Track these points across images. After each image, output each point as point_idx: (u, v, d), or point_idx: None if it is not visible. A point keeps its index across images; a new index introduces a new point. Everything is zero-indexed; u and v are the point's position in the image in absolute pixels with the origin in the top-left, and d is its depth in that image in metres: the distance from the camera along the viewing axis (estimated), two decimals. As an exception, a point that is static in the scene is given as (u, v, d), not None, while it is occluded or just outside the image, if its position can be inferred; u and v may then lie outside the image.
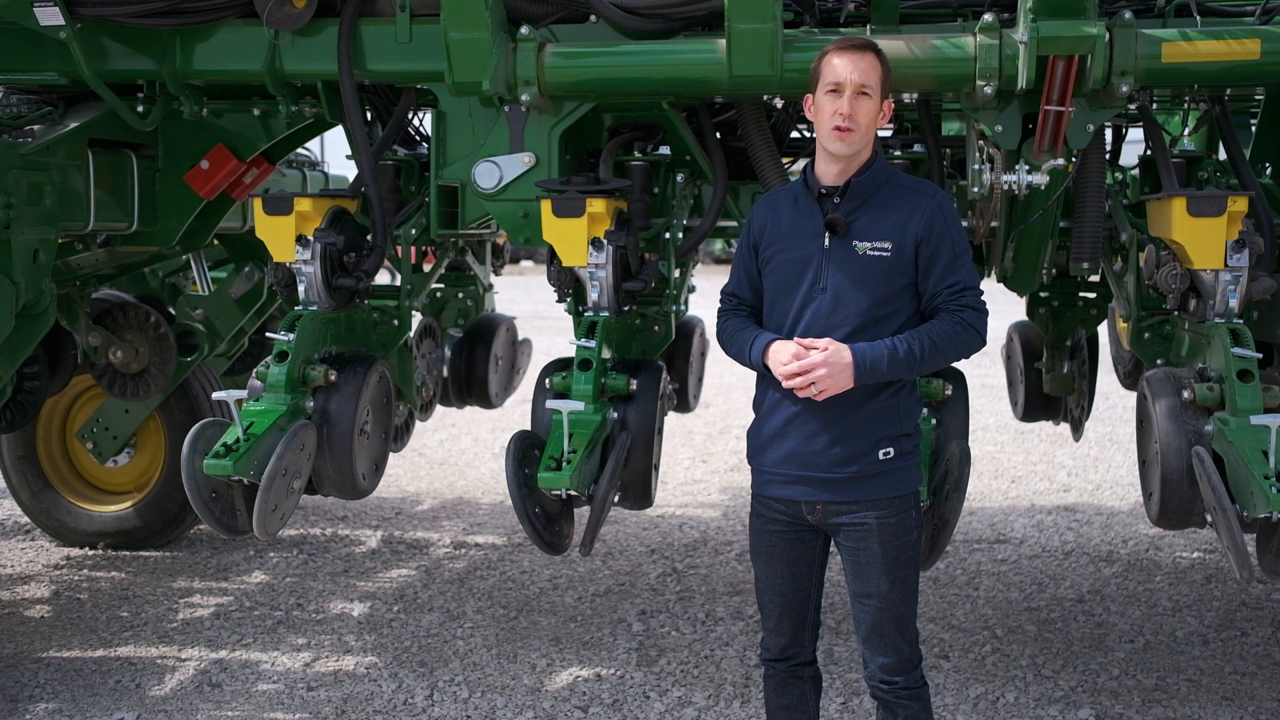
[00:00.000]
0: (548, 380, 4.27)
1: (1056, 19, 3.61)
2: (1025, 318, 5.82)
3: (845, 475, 3.25)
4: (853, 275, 3.22)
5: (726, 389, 11.66)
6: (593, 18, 4.13)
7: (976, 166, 4.10)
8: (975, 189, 4.13)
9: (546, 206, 4.18)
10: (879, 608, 3.30)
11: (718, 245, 26.26)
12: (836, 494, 3.27)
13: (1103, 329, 5.90)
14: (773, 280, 3.36)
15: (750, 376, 3.48)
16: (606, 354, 4.25)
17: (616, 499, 4.25)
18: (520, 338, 6.49)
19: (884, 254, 3.22)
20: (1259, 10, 3.91)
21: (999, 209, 4.39)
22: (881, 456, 3.26)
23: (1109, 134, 4.78)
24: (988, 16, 3.83)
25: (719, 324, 3.51)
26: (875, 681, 3.37)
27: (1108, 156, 4.70)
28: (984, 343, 3.28)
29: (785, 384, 3.21)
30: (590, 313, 4.29)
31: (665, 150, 4.97)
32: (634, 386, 4.22)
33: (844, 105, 3.19)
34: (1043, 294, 5.58)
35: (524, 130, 4.24)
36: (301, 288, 4.39)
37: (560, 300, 4.66)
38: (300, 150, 6.36)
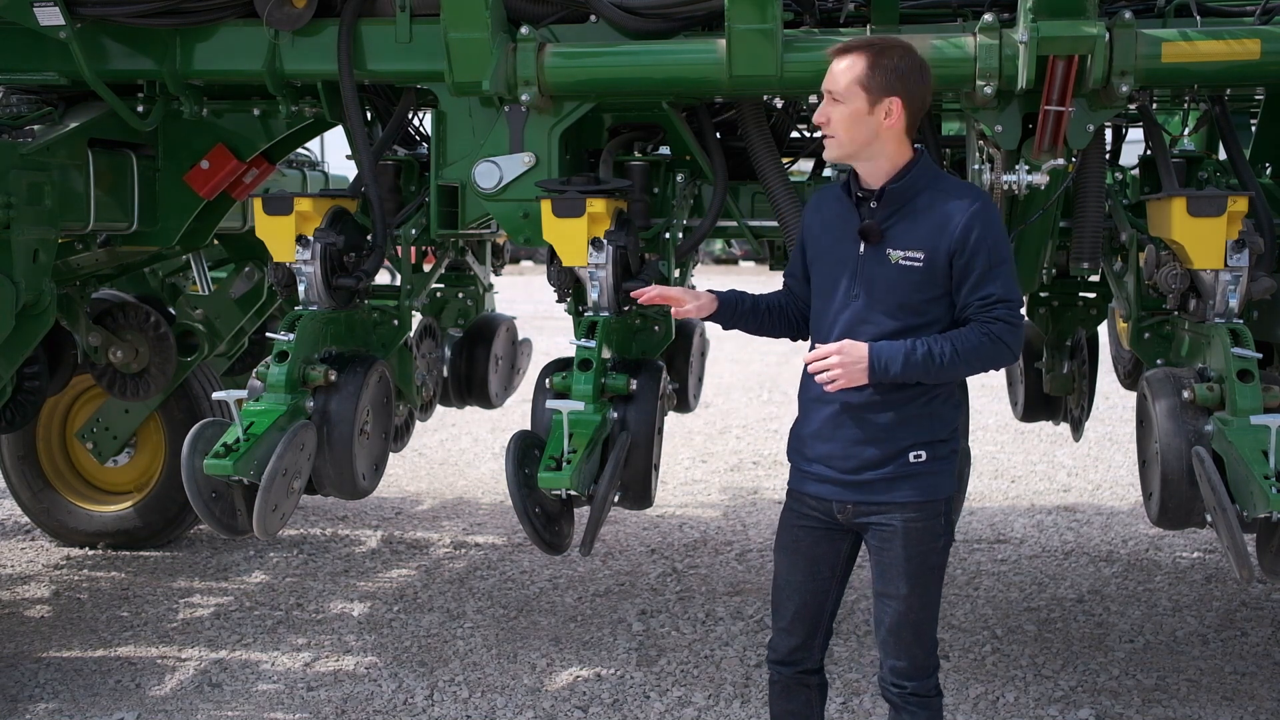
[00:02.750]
0: (548, 380, 4.26)
1: (1056, 19, 3.61)
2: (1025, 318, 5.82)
3: (875, 478, 3.24)
4: (885, 283, 3.18)
5: (726, 389, 11.65)
6: (593, 18, 4.13)
7: (976, 166, 4.10)
8: (975, 189, 4.13)
9: (546, 206, 4.18)
10: (897, 610, 3.28)
11: (718, 245, 26.30)
12: (866, 495, 3.26)
13: (1103, 329, 5.90)
14: (816, 280, 3.36)
15: (751, 377, 3.49)
16: (606, 354, 4.25)
17: (616, 499, 4.25)
18: (520, 338, 6.49)
19: (916, 264, 3.15)
20: (1259, 10, 3.91)
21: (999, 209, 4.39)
22: (912, 459, 3.22)
23: (1109, 134, 4.78)
24: (988, 16, 3.83)
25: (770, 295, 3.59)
26: (887, 684, 3.37)
27: (1108, 156, 4.70)
28: (1015, 358, 3.20)
29: (810, 370, 3.23)
30: (590, 313, 4.29)
31: (665, 150, 4.97)
32: (634, 386, 4.22)
33: (818, 113, 3.20)
34: (1043, 294, 5.58)
35: (524, 130, 4.24)
36: (301, 288, 4.40)
37: (560, 300, 4.66)
38: (300, 150, 6.36)
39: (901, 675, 3.32)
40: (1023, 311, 3.19)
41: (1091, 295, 5.57)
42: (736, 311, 3.52)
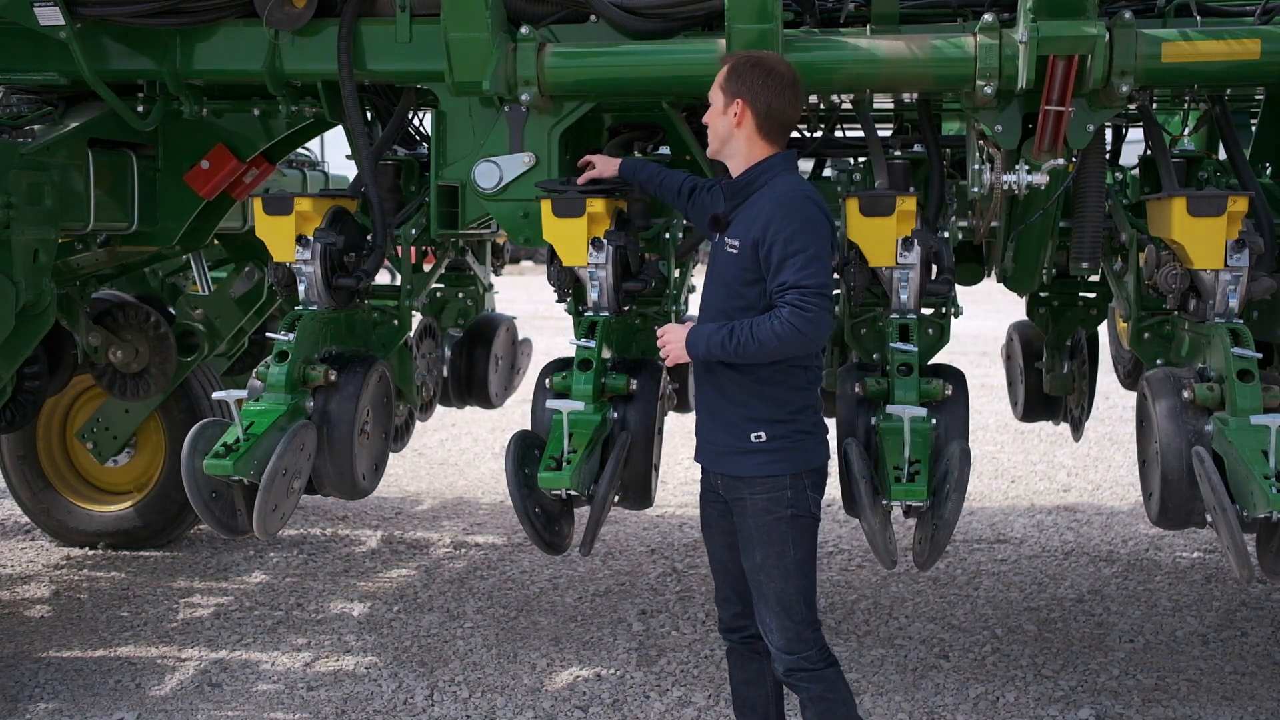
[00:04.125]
0: (548, 380, 4.27)
1: (1056, 19, 3.61)
2: (1025, 318, 5.82)
3: (725, 451, 3.52)
4: (719, 268, 3.52)
5: (726, 389, 11.64)
6: (593, 18, 4.13)
7: (976, 166, 4.10)
8: (975, 189, 4.13)
9: (546, 206, 4.18)
10: (756, 580, 3.50)
11: (718, 245, 26.24)
12: (723, 468, 3.54)
13: (1103, 329, 5.90)
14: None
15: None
16: (606, 354, 4.25)
17: (616, 499, 4.25)
18: (520, 338, 6.49)
19: (734, 251, 3.45)
20: (1259, 10, 3.91)
21: (999, 209, 4.39)
22: (753, 439, 3.46)
23: (1109, 134, 4.77)
24: (988, 16, 3.83)
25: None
26: (776, 664, 3.52)
27: (1108, 156, 4.70)
28: (813, 343, 3.37)
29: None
30: (590, 313, 4.29)
31: (665, 150, 4.97)
32: (634, 386, 4.22)
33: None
34: (1043, 294, 5.58)
35: (524, 130, 4.24)
36: (301, 288, 4.40)
37: (560, 300, 4.66)
38: (300, 150, 6.36)
39: (780, 649, 3.49)
40: (823, 300, 3.32)
41: (1091, 295, 5.57)
42: (634, 180, 4.12)
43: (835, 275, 4.26)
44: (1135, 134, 4.99)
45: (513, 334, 6.37)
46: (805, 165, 5.55)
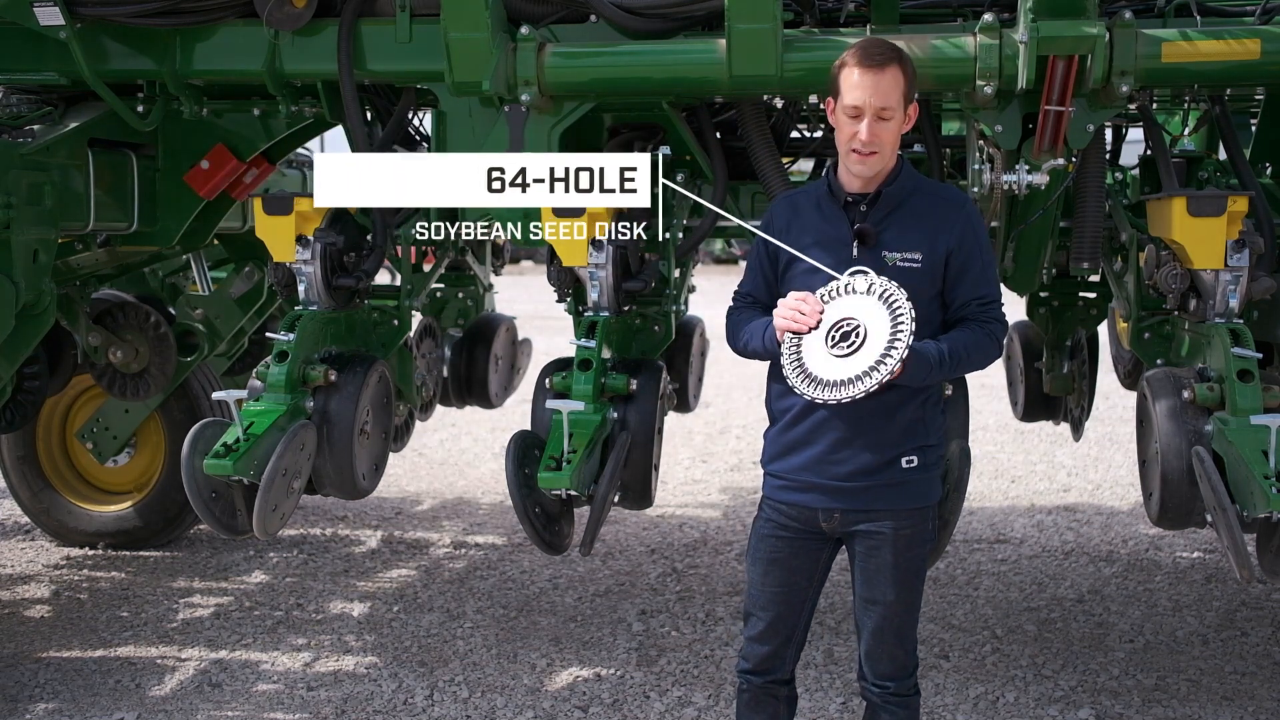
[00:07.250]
0: (548, 380, 4.27)
1: (1056, 19, 3.61)
2: (1025, 318, 5.82)
3: (867, 484, 3.19)
4: None
5: (726, 389, 11.64)
6: (593, 18, 4.13)
7: (976, 166, 4.10)
8: (975, 189, 4.13)
9: (547, 206, 4.18)
10: (882, 615, 3.28)
11: (718, 245, 26.29)
12: (857, 503, 3.21)
13: (1103, 329, 5.90)
14: (798, 286, 3.20)
15: (751, 377, 3.47)
16: (606, 354, 4.25)
17: (616, 499, 4.25)
18: (520, 338, 6.49)
19: (914, 265, 3.14)
20: (1259, 10, 3.91)
21: (999, 209, 4.40)
22: (905, 465, 3.20)
23: (1109, 134, 4.78)
24: (988, 16, 3.83)
25: (729, 321, 3.40)
26: (868, 683, 3.37)
27: (1108, 156, 4.70)
28: (1000, 356, 3.35)
29: None
30: (590, 313, 4.29)
31: (665, 150, 4.96)
32: (634, 386, 4.22)
33: (864, 132, 3.08)
34: (1043, 294, 5.59)
35: (524, 130, 4.24)
36: (301, 288, 4.40)
37: (560, 300, 4.66)
38: (300, 150, 6.36)
39: (883, 676, 3.33)
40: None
41: (1091, 295, 5.58)
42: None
43: None
44: (1135, 134, 4.99)
45: (513, 334, 6.37)
46: (805, 165, 5.55)
